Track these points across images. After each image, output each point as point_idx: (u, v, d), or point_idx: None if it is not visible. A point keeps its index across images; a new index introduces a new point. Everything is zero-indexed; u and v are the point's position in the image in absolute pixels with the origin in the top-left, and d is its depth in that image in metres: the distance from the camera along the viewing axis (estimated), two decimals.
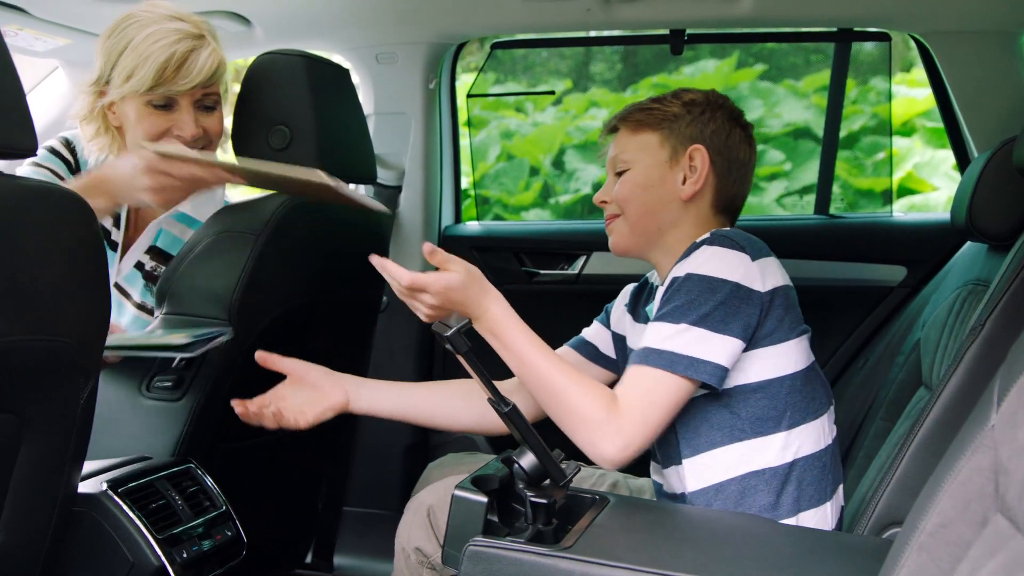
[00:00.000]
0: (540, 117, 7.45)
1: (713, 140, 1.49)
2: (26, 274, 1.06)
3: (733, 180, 1.51)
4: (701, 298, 1.31)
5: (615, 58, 8.05)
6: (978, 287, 1.57)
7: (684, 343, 1.30)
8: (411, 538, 1.48)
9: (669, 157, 1.50)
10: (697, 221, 1.49)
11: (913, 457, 1.30)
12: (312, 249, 1.76)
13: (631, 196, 1.51)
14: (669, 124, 1.50)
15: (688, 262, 1.36)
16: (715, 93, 1.56)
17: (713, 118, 1.51)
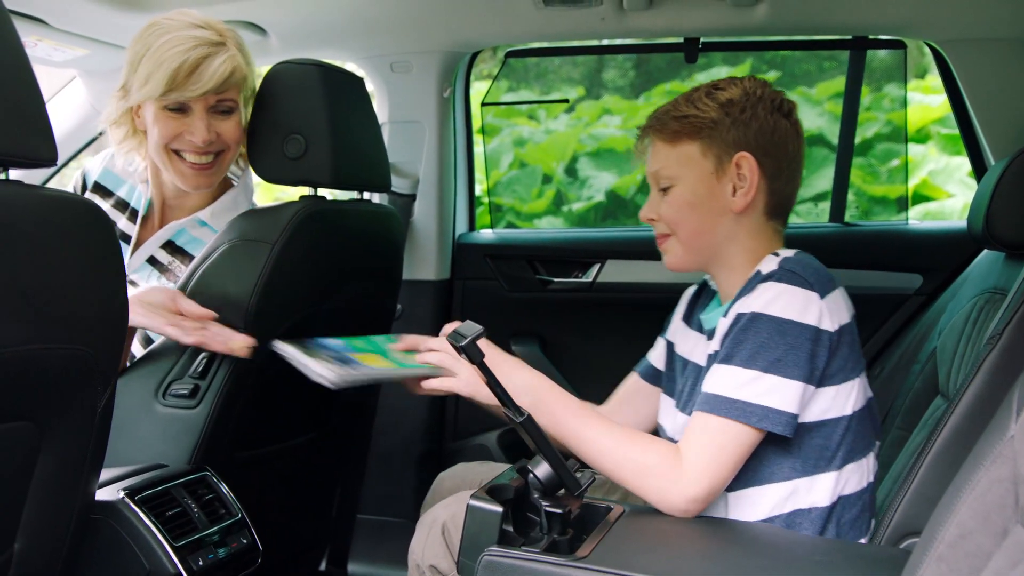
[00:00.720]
0: (553, 124, 7.46)
1: (759, 140, 1.39)
2: (45, 283, 1.07)
3: (785, 179, 1.42)
4: (772, 342, 1.25)
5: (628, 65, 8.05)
6: (995, 295, 1.56)
7: (757, 393, 1.25)
8: (425, 555, 1.44)
9: (714, 168, 1.40)
10: (752, 231, 1.42)
11: (930, 467, 1.29)
12: (327, 257, 1.77)
13: (680, 216, 1.43)
14: (709, 131, 1.40)
15: (756, 299, 1.29)
16: (752, 81, 1.44)
17: (755, 115, 1.39)
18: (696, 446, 1.26)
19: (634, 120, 7.20)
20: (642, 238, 2.46)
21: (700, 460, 1.24)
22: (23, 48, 1.04)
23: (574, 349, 2.38)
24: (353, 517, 2.34)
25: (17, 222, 1.02)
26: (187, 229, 1.79)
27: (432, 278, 2.36)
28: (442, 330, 1.37)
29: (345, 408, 1.99)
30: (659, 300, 2.34)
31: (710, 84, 1.45)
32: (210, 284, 1.62)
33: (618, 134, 6.94)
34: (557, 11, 2.03)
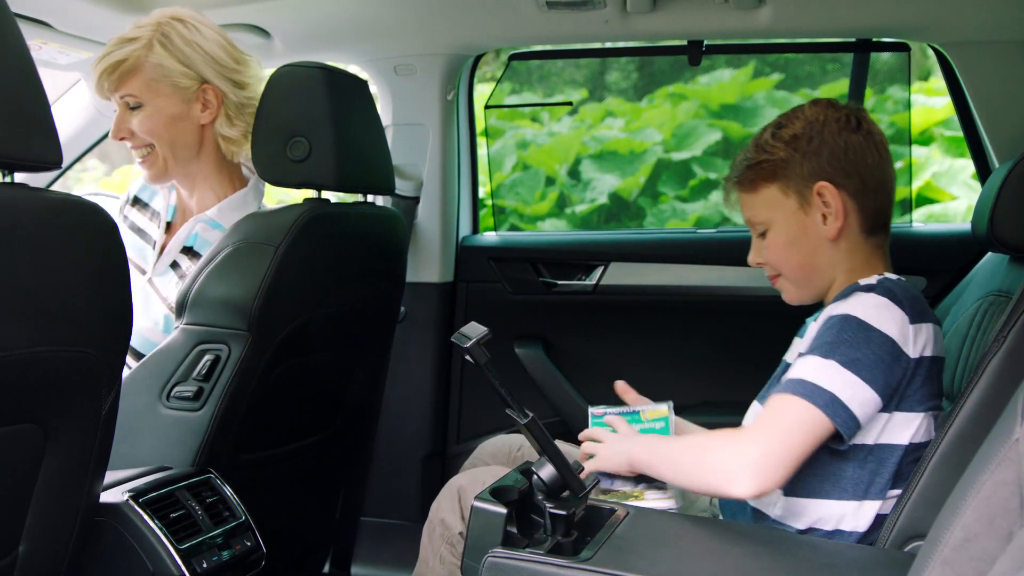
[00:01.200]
0: (556, 127, 7.46)
1: (833, 165, 1.40)
2: (49, 285, 1.07)
3: (873, 192, 1.42)
4: (855, 341, 1.27)
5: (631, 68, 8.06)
6: (1000, 298, 1.56)
7: (829, 378, 1.26)
8: (440, 510, 1.50)
9: (799, 204, 1.43)
10: (852, 251, 1.43)
11: (935, 470, 1.28)
12: (331, 260, 1.77)
13: (781, 257, 1.46)
14: (783, 171, 1.42)
15: (847, 304, 1.32)
16: (813, 108, 1.45)
17: (823, 143, 1.41)
18: (763, 421, 1.27)
19: (637, 122, 7.21)
20: (645, 240, 2.46)
21: (759, 433, 1.25)
22: (28, 51, 1.05)
23: (577, 352, 2.38)
24: (357, 519, 2.34)
25: (21, 224, 1.03)
26: (200, 233, 1.80)
27: (435, 280, 2.36)
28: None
29: (349, 411, 2.00)
30: (662, 303, 2.35)
31: (774, 123, 1.47)
32: (214, 287, 1.62)
33: (621, 136, 6.94)
34: (561, 14, 2.03)
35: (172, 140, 1.77)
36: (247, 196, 1.84)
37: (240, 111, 1.78)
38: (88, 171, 7.29)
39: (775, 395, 1.29)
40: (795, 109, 1.47)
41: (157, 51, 1.72)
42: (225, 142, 1.80)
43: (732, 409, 2.26)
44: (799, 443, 1.25)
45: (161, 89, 1.74)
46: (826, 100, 1.47)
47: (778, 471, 1.24)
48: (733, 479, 1.24)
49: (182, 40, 1.73)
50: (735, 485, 1.24)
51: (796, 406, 1.25)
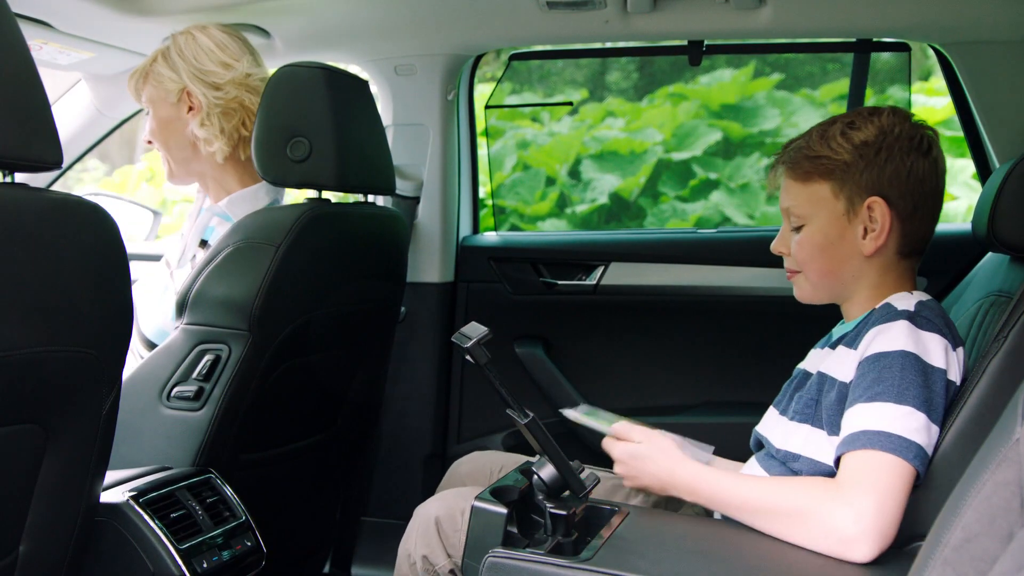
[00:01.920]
0: (556, 127, 7.46)
1: (893, 184, 1.37)
2: (50, 285, 1.07)
3: (920, 218, 1.39)
4: (922, 382, 1.25)
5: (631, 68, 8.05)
6: (1000, 298, 1.56)
7: (913, 429, 1.23)
8: (418, 546, 1.47)
9: (846, 210, 1.38)
10: (881, 270, 1.41)
11: (935, 469, 1.28)
12: (331, 260, 1.77)
13: (810, 257, 1.43)
14: (841, 173, 1.38)
15: (896, 336, 1.29)
16: (891, 117, 1.39)
17: (891, 158, 1.36)
18: (866, 480, 1.20)
19: (637, 122, 7.21)
20: (646, 240, 2.46)
21: (874, 499, 1.19)
22: (29, 51, 1.05)
23: (578, 352, 2.38)
24: (357, 520, 2.34)
25: (22, 224, 1.03)
26: (216, 227, 1.82)
27: (436, 280, 2.36)
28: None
29: (350, 411, 2.00)
30: (662, 303, 2.35)
31: (847, 119, 1.41)
32: (215, 286, 1.62)
33: (621, 136, 6.95)
34: (561, 14, 2.03)
35: (166, 142, 1.88)
36: (257, 192, 1.86)
37: (212, 112, 1.82)
38: (88, 171, 7.29)
39: (862, 451, 1.23)
40: (871, 111, 1.41)
41: (159, 62, 1.86)
42: (200, 142, 1.85)
43: (733, 409, 2.27)
44: (903, 498, 1.22)
45: (158, 96, 1.86)
46: (904, 112, 1.41)
47: (893, 530, 1.20)
48: (855, 544, 1.19)
49: (176, 50, 1.85)
50: (857, 550, 1.19)
51: (892, 462, 1.21)
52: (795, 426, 1.40)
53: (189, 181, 1.94)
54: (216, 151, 1.83)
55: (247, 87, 1.83)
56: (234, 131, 1.84)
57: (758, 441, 1.52)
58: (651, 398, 2.35)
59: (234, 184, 1.88)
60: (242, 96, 1.83)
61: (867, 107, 1.44)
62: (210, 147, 1.83)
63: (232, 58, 1.84)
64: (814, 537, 1.21)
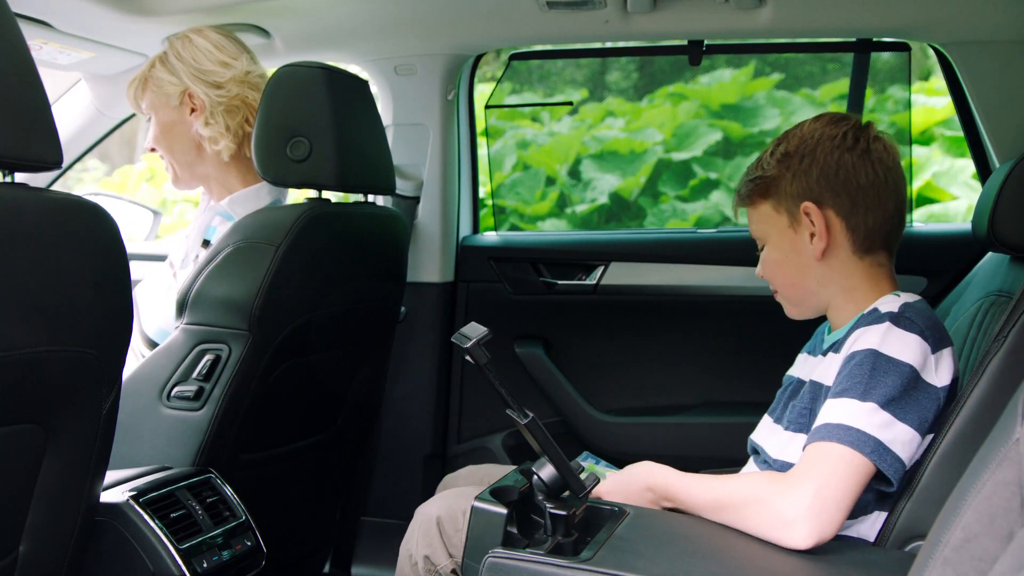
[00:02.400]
0: (556, 127, 7.46)
1: (821, 184, 1.40)
2: (50, 285, 1.07)
3: (864, 210, 1.40)
4: (888, 379, 1.26)
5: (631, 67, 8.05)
6: (1000, 298, 1.56)
7: (874, 425, 1.23)
8: (419, 546, 1.48)
9: (789, 222, 1.43)
10: (845, 271, 1.42)
11: (935, 469, 1.28)
12: (331, 260, 1.77)
13: (773, 274, 1.48)
14: (775, 189, 1.43)
15: (870, 336, 1.30)
16: (813, 123, 1.45)
17: (813, 161, 1.40)
18: (812, 469, 1.23)
19: (637, 122, 7.21)
20: (646, 240, 2.46)
21: (817, 482, 1.21)
22: (29, 51, 1.05)
23: (578, 351, 2.38)
24: (357, 519, 2.34)
25: (22, 224, 1.03)
26: (218, 227, 1.83)
27: (436, 280, 2.36)
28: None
29: (350, 411, 2.00)
30: (662, 303, 2.35)
31: (779, 139, 1.47)
32: (215, 286, 1.62)
33: (621, 136, 6.95)
34: (561, 14, 2.03)
35: (170, 146, 1.89)
36: (259, 191, 1.86)
37: (215, 111, 1.83)
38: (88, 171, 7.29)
39: (818, 442, 1.25)
40: (798, 125, 1.47)
41: (157, 67, 1.86)
42: (206, 141, 1.85)
43: (732, 409, 2.27)
44: (851, 489, 1.22)
45: (159, 101, 1.87)
46: (829, 115, 1.45)
47: (834, 519, 1.21)
48: (790, 526, 1.20)
49: (174, 54, 1.86)
50: (794, 534, 1.20)
51: (843, 453, 1.22)
52: (790, 436, 1.40)
53: (194, 185, 1.95)
54: (222, 149, 1.84)
55: (248, 84, 1.84)
56: (239, 128, 1.85)
57: (754, 448, 1.53)
58: (651, 398, 2.35)
59: (237, 183, 1.88)
60: (244, 93, 1.84)
61: (801, 122, 1.47)
62: (216, 145, 1.84)
63: (230, 57, 1.85)
64: (760, 524, 1.23)
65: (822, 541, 1.20)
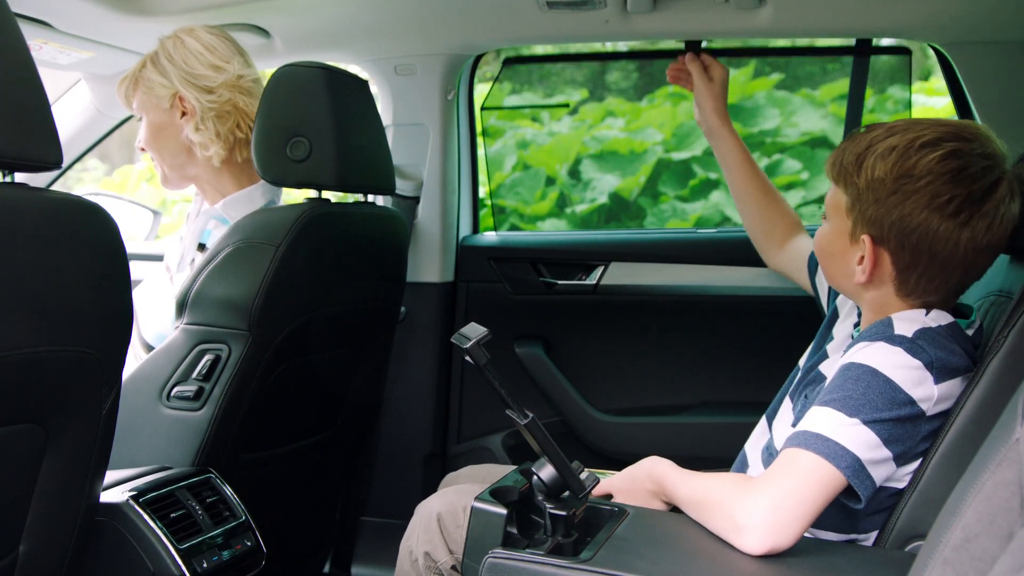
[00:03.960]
0: (556, 127, 7.46)
1: (892, 231, 1.27)
2: (50, 285, 1.07)
3: (924, 277, 1.29)
4: (880, 401, 1.21)
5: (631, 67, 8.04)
6: (1000, 298, 1.56)
7: (857, 442, 1.19)
8: (420, 543, 1.48)
9: (852, 230, 1.33)
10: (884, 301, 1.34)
11: (935, 469, 1.28)
12: (331, 260, 1.77)
13: (821, 255, 1.42)
14: (855, 196, 1.31)
15: (875, 353, 1.24)
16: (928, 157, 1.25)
17: (903, 202, 1.26)
18: (780, 474, 1.20)
19: (637, 122, 7.21)
20: (646, 240, 2.46)
21: (780, 489, 1.18)
22: (29, 51, 1.05)
23: (578, 351, 2.38)
24: (357, 519, 2.34)
25: (22, 224, 1.03)
26: (213, 230, 1.82)
27: (436, 280, 2.36)
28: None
29: (349, 410, 2.00)
30: (663, 303, 2.35)
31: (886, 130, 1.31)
32: (215, 286, 1.62)
33: (621, 136, 6.95)
34: (561, 14, 2.03)
35: (160, 149, 1.87)
36: (253, 193, 1.86)
37: (206, 116, 1.81)
38: (88, 171, 7.29)
39: (792, 448, 1.21)
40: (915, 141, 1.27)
41: (148, 67, 1.84)
42: (196, 147, 1.84)
43: (732, 409, 2.27)
44: (814, 500, 1.18)
45: (149, 102, 1.85)
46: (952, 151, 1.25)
47: (790, 528, 1.16)
48: (743, 532, 1.16)
49: (165, 55, 1.83)
50: (744, 539, 1.17)
51: (814, 464, 1.18)
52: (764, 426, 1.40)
53: (184, 185, 1.93)
54: (212, 155, 1.82)
55: (240, 89, 1.82)
56: (229, 134, 1.83)
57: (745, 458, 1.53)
58: (651, 398, 2.35)
59: (230, 186, 1.87)
60: (235, 98, 1.81)
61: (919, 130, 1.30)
62: (206, 151, 1.82)
63: (222, 60, 1.83)
64: (718, 527, 1.21)
65: (775, 550, 1.16)
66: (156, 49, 1.85)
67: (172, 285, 1.84)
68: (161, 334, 1.77)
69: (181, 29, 1.85)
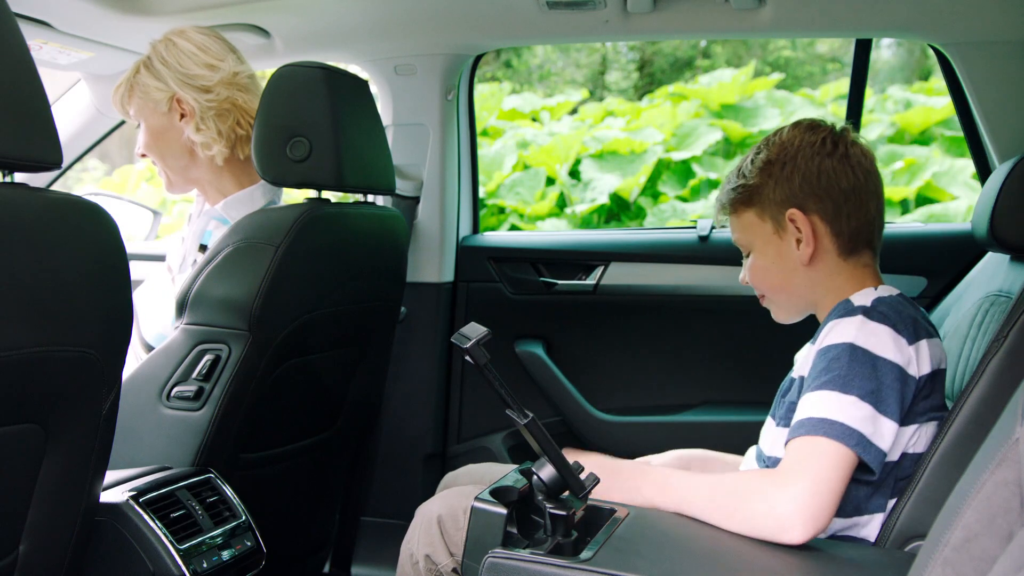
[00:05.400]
0: (556, 127, 7.47)
1: (804, 190, 1.42)
2: (50, 285, 1.07)
3: (847, 214, 1.42)
4: (867, 372, 1.27)
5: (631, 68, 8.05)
6: (1000, 298, 1.56)
7: (857, 418, 1.25)
8: (420, 545, 1.48)
9: (774, 229, 1.45)
10: (831, 273, 1.44)
11: (935, 470, 1.29)
12: (331, 260, 1.77)
13: (760, 280, 1.50)
14: (758, 197, 1.45)
15: (846, 330, 1.31)
16: (792, 131, 1.46)
17: (795, 168, 1.42)
18: (800, 465, 1.23)
19: (637, 122, 7.22)
20: (646, 241, 2.46)
21: (807, 478, 1.22)
22: (28, 51, 1.05)
23: (578, 352, 2.38)
24: (357, 519, 2.34)
25: (22, 224, 1.03)
26: (214, 231, 1.82)
27: (436, 280, 2.36)
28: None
29: (350, 411, 2.00)
30: (663, 303, 2.35)
31: (757, 147, 1.49)
32: (215, 286, 1.62)
33: (621, 136, 6.96)
34: (561, 13, 2.03)
35: (161, 152, 1.86)
36: (254, 193, 1.86)
37: (205, 116, 1.81)
38: (88, 171, 7.30)
39: (801, 437, 1.26)
40: (776, 132, 1.49)
41: (142, 73, 1.83)
42: (198, 147, 1.83)
43: (732, 409, 2.27)
44: (840, 483, 1.23)
45: (147, 107, 1.84)
46: (807, 122, 1.47)
47: (826, 513, 1.21)
48: (786, 526, 1.20)
49: (158, 58, 1.82)
50: (788, 532, 1.21)
51: (831, 448, 1.23)
52: (780, 431, 1.41)
53: (188, 189, 1.93)
54: (215, 154, 1.82)
55: (237, 86, 1.82)
56: (230, 131, 1.82)
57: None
58: (651, 398, 2.35)
59: (231, 187, 1.87)
60: (233, 95, 1.81)
61: (777, 128, 1.49)
62: (209, 151, 1.82)
63: (216, 59, 1.82)
64: (752, 521, 1.23)
65: (815, 536, 1.22)
66: (148, 53, 1.83)
67: (173, 286, 1.84)
68: (161, 334, 1.77)
69: (172, 31, 1.84)
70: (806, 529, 1.20)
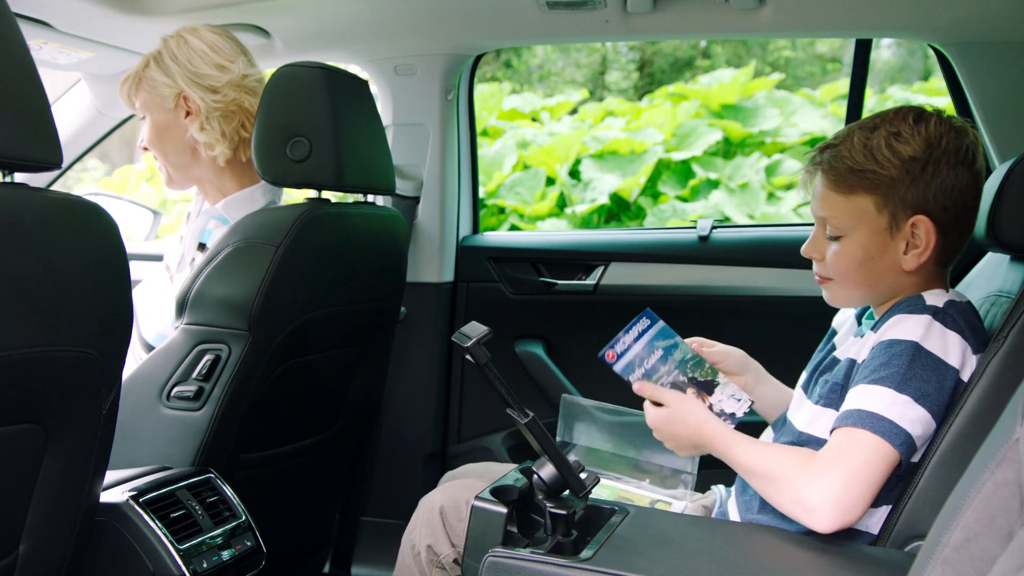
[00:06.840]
0: (556, 127, 7.47)
1: (938, 199, 1.32)
2: (50, 285, 1.07)
3: (960, 229, 1.36)
4: (927, 376, 1.25)
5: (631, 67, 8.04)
6: (1000, 298, 1.56)
7: (908, 419, 1.23)
8: (422, 536, 1.48)
9: (888, 225, 1.34)
10: (920, 281, 1.38)
11: (935, 470, 1.28)
12: (331, 260, 1.77)
13: (840, 267, 1.38)
14: (887, 188, 1.32)
15: (914, 327, 1.28)
16: (937, 127, 1.33)
17: (937, 171, 1.31)
18: (841, 455, 1.23)
19: (637, 122, 7.21)
20: (645, 241, 2.46)
21: (845, 469, 1.22)
22: (29, 51, 1.05)
23: (578, 351, 2.38)
24: (357, 519, 2.34)
25: (22, 224, 1.03)
26: (213, 230, 1.82)
27: (436, 280, 2.37)
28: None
29: (350, 411, 2.00)
30: (662, 303, 2.35)
31: (891, 128, 1.34)
32: (215, 286, 1.62)
33: (621, 136, 6.95)
34: (561, 14, 2.03)
35: (164, 148, 1.86)
36: (254, 193, 1.85)
37: (211, 116, 1.80)
38: (88, 171, 7.29)
39: (849, 428, 1.24)
40: (916, 117, 1.34)
41: (151, 67, 1.83)
42: (201, 146, 1.83)
43: None
44: (877, 479, 1.23)
45: (153, 102, 1.84)
46: (949, 120, 1.35)
47: (858, 507, 1.22)
48: (815, 513, 1.21)
49: (169, 54, 1.82)
50: (817, 519, 1.21)
51: (875, 443, 1.22)
52: (819, 410, 1.38)
53: (188, 186, 1.92)
54: (218, 155, 1.82)
55: (244, 88, 1.82)
56: (234, 133, 1.82)
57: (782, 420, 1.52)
58: None
59: (232, 187, 1.87)
60: (240, 98, 1.81)
61: (909, 110, 1.36)
62: (211, 151, 1.82)
63: (227, 60, 1.82)
64: (784, 502, 1.25)
65: (844, 527, 1.22)
66: (159, 48, 1.83)
67: (172, 285, 1.84)
68: (161, 334, 1.77)
69: (184, 28, 1.84)
70: (834, 519, 1.21)
